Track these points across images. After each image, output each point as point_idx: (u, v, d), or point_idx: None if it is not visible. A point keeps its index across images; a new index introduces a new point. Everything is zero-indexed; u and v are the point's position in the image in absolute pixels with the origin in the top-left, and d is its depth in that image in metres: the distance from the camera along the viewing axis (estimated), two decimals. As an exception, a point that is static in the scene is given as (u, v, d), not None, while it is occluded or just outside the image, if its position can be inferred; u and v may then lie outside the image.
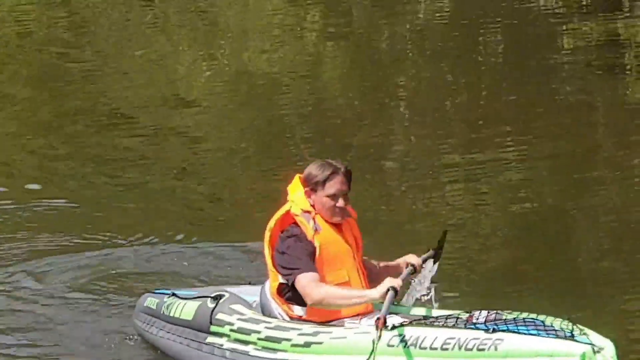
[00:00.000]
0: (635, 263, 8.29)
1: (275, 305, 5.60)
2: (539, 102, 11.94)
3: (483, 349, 5.13)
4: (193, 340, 5.88)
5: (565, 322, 5.31)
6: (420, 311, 5.67)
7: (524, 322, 5.29)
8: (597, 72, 13.35)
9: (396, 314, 5.46)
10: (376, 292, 5.27)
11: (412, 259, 5.67)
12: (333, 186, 5.43)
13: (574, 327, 5.26)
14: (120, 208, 9.28)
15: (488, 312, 5.39)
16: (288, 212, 5.51)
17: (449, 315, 5.37)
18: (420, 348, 5.22)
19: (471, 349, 5.15)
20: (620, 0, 15.97)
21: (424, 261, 5.68)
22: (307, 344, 5.43)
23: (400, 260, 5.73)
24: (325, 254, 5.42)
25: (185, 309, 5.95)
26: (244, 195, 9.45)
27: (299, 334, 5.45)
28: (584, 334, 5.23)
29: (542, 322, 5.33)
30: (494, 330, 5.19)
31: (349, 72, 14.22)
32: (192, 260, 7.92)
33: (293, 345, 5.44)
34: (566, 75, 13.22)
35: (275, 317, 5.59)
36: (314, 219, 5.45)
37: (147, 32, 16.72)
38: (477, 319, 5.30)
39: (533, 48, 14.47)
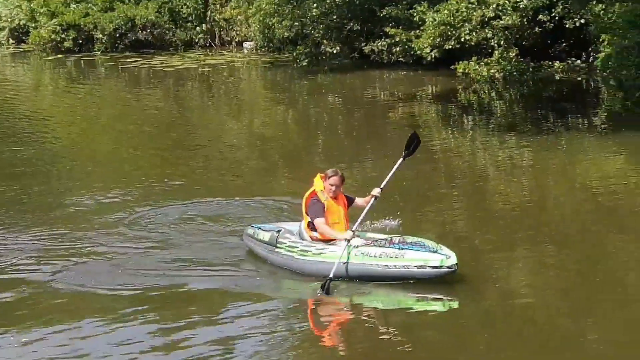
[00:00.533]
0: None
1: (305, 232, 12.06)
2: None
3: (396, 257, 11.31)
4: (269, 250, 12.26)
5: (434, 242, 11.44)
6: (370, 235, 12.04)
7: (415, 244, 11.35)
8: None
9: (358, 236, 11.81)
10: (343, 236, 11.63)
11: (375, 191, 12.15)
12: (332, 180, 11.91)
13: (438, 245, 11.38)
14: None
15: (400, 237, 11.60)
16: (314, 190, 11.94)
17: (380, 239, 11.66)
18: (369, 256, 11.40)
19: (392, 257, 11.31)
20: None
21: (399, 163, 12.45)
22: (320, 253, 11.73)
23: (369, 196, 12.16)
24: (329, 210, 11.84)
25: (265, 236, 12.34)
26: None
27: (316, 248, 11.79)
28: (442, 249, 11.29)
29: (424, 243, 11.40)
30: (402, 248, 11.34)
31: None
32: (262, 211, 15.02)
33: (313, 254, 11.76)
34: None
35: (305, 240, 12.00)
36: (324, 194, 11.85)
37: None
38: (394, 241, 11.47)
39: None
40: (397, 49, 30.03)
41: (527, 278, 11.82)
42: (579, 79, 27.80)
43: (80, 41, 40.32)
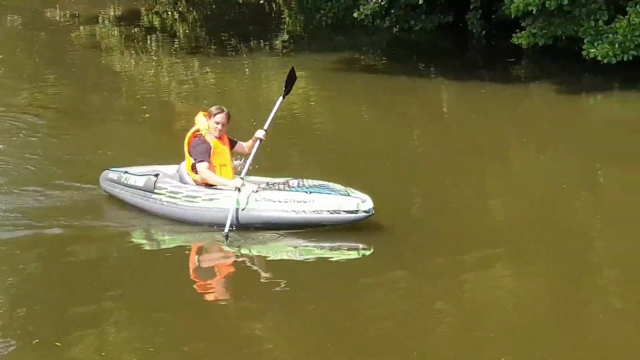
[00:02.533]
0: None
1: (187, 176, 10.46)
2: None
3: (305, 201, 9.85)
4: (143, 197, 10.63)
5: (342, 186, 10.06)
6: (256, 179, 10.45)
7: (321, 186, 10.04)
8: None
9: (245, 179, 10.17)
10: (230, 184, 10.12)
11: (259, 134, 10.53)
12: (218, 117, 10.35)
13: (347, 189, 10.00)
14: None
15: (297, 180, 10.21)
16: (198, 130, 10.37)
17: (275, 182, 10.22)
18: (273, 201, 9.94)
19: (300, 202, 9.84)
20: None
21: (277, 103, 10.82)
22: (211, 199, 10.13)
23: (253, 138, 10.51)
24: (215, 151, 10.29)
25: (138, 181, 10.71)
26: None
27: (205, 194, 10.17)
28: (353, 192, 9.95)
29: (331, 186, 10.05)
30: (311, 192, 9.93)
31: None
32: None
33: (204, 200, 10.15)
34: None
35: (188, 183, 10.42)
36: (209, 134, 10.32)
37: None
38: (291, 184, 10.11)
39: None
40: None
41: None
42: (261, 2, 28.15)
43: None
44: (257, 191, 10.04)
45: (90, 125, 15.06)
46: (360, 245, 9.79)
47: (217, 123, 10.30)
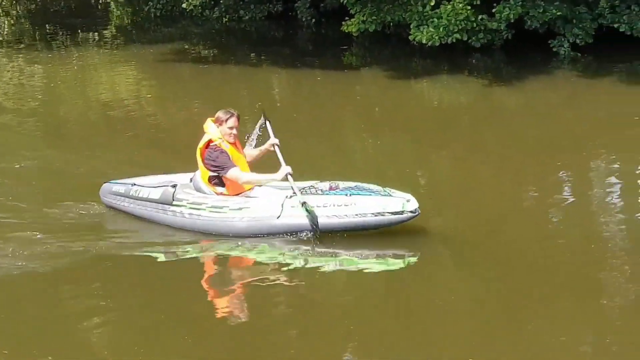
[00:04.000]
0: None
1: (206, 187, 9.69)
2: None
3: (346, 205, 9.10)
4: (159, 210, 9.83)
5: (380, 187, 9.33)
6: (281, 185, 9.54)
7: (358, 188, 9.33)
8: None
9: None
10: (278, 176, 9.41)
11: (273, 140, 9.77)
12: (231, 122, 9.58)
13: (386, 189, 9.30)
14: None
15: (329, 182, 9.46)
16: (210, 140, 9.57)
17: (306, 187, 9.40)
18: (317, 206, 9.05)
19: (341, 205, 9.09)
20: None
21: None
22: (240, 208, 9.40)
23: (267, 144, 9.83)
24: (234, 158, 9.54)
25: (152, 193, 9.92)
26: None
27: (234, 202, 9.45)
28: (394, 192, 9.25)
29: (368, 187, 9.33)
30: (351, 195, 9.19)
31: None
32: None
33: (232, 209, 9.41)
34: None
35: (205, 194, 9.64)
36: (223, 141, 9.58)
37: None
38: (323, 187, 9.35)
39: None
40: None
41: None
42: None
43: None
44: (291, 197, 9.31)
45: None
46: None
47: (231, 128, 9.56)
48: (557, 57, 16.78)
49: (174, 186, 9.84)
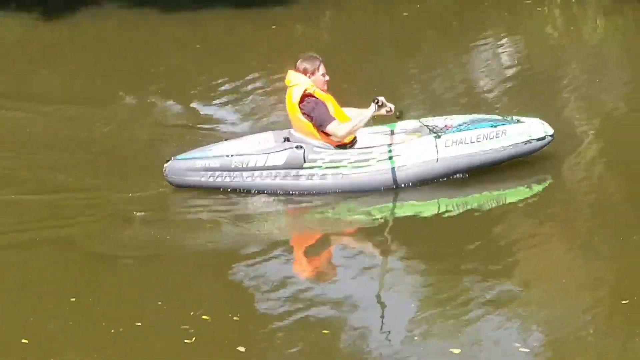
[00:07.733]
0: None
1: (319, 142, 8.92)
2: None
3: (497, 136, 8.83)
4: (286, 176, 8.93)
5: (504, 116, 9.29)
6: (409, 125, 9.22)
7: (488, 120, 9.05)
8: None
9: (392, 131, 9.17)
10: (369, 110, 8.82)
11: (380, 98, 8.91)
12: (322, 68, 9.00)
13: (512, 118, 9.14)
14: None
15: (446, 118, 9.20)
16: (306, 89, 8.86)
17: (432, 125, 9.06)
18: (465, 143, 8.77)
19: (493, 138, 8.81)
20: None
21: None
22: (389, 158, 8.83)
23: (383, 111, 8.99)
24: (333, 108, 8.93)
25: (271, 159, 8.92)
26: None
27: (379, 152, 8.86)
28: (522, 118, 9.08)
29: (494, 118, 9.16)
30: (496, 126, 8.85)
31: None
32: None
33: (378, 161, 8.83)
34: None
35: (320, 147, 8.90)
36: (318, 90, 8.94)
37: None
38: (449, 124, 9.00)
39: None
40: None
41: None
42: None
43: None
44: (438, 136, 8.88)
45: None
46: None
47: (324, 75, 9.03)
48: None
49: (299, 147, 8.94)
